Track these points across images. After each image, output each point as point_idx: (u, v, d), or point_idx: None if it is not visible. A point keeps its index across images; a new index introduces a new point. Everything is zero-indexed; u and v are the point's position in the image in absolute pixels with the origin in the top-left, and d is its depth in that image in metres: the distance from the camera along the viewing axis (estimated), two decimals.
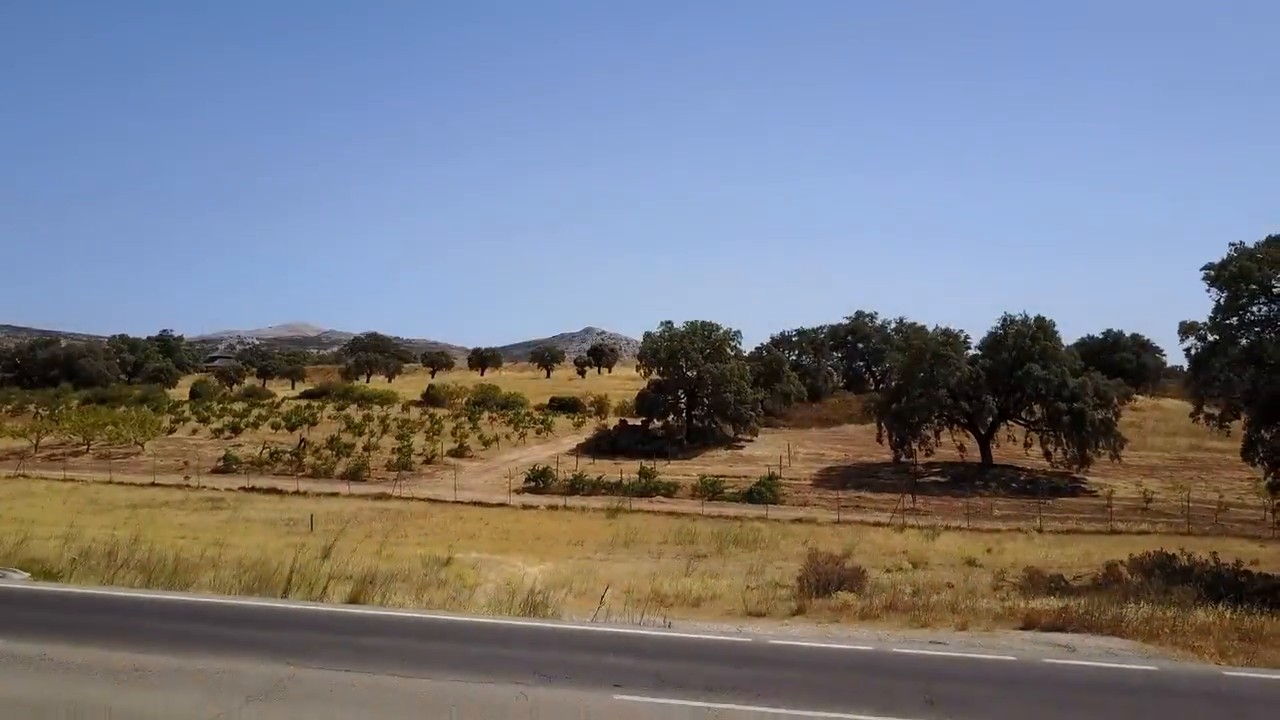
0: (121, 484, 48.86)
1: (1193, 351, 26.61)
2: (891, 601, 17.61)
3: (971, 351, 54.46)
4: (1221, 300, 25.09)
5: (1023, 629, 14.50)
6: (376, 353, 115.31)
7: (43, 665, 9.35)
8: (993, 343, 53.01)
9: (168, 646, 10.36)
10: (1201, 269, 24.78)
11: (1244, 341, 25.42)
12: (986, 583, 23.28)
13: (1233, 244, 24.93)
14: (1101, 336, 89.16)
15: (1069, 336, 59.67)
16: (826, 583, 20.38)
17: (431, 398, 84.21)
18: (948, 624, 15.26)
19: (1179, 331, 26.50)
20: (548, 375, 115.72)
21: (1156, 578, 19.76)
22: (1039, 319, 52.13)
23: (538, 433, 66.88)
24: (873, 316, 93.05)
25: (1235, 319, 25.26)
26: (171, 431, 65.01)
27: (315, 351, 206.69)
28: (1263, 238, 24.68)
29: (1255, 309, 24.79)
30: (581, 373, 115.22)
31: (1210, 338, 25.72)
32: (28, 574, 14.61)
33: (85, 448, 59.38)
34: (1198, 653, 12.72)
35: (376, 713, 8.42)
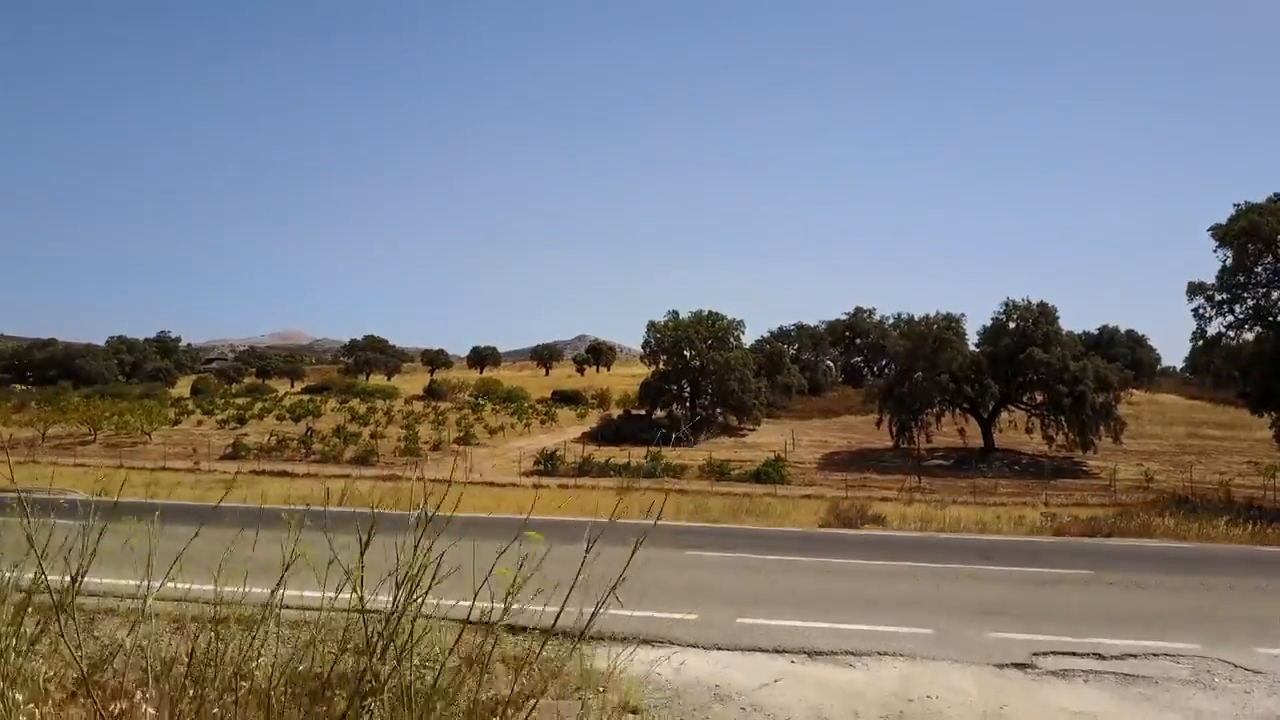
0: (132, 468, 49.06)
1: (1201, 312, 27.23)
2: (920, 529, 18.12)
3: (971, 345, 55.05)
4: (1228, 260, 25.71)
5: (1054, 536, 15.05)
6: (375, 352, 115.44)
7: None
8: (995, 328, 53.66)
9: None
10: (1209, 229, 25.42)
11: (1250, 301, 26.03)
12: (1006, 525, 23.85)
13: (1237, 204, 25.60)
14: (1097, 332, 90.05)
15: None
16: (851, 520, 20.81)
17: (434, 392, 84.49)
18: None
19: (1187, 292, 27.14)
20: (547, 373, 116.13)
21: (1173, 509, 20.33)
22: (1041, 304, 52.81)
23: (541, 423, 67.28)
24: (871, 313, 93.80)
25: (1241, 278, 25.85)
26: (177, 423, 65.17)
27: (309, 358, 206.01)
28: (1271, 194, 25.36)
29: (1261, 268, 25.39)
30: (581, 370, 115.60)
31: (1218, 297, 26.32)
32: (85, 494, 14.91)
33: (93, 438, 59.50)
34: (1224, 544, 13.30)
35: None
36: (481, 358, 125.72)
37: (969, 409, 54.17)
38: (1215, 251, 26.02)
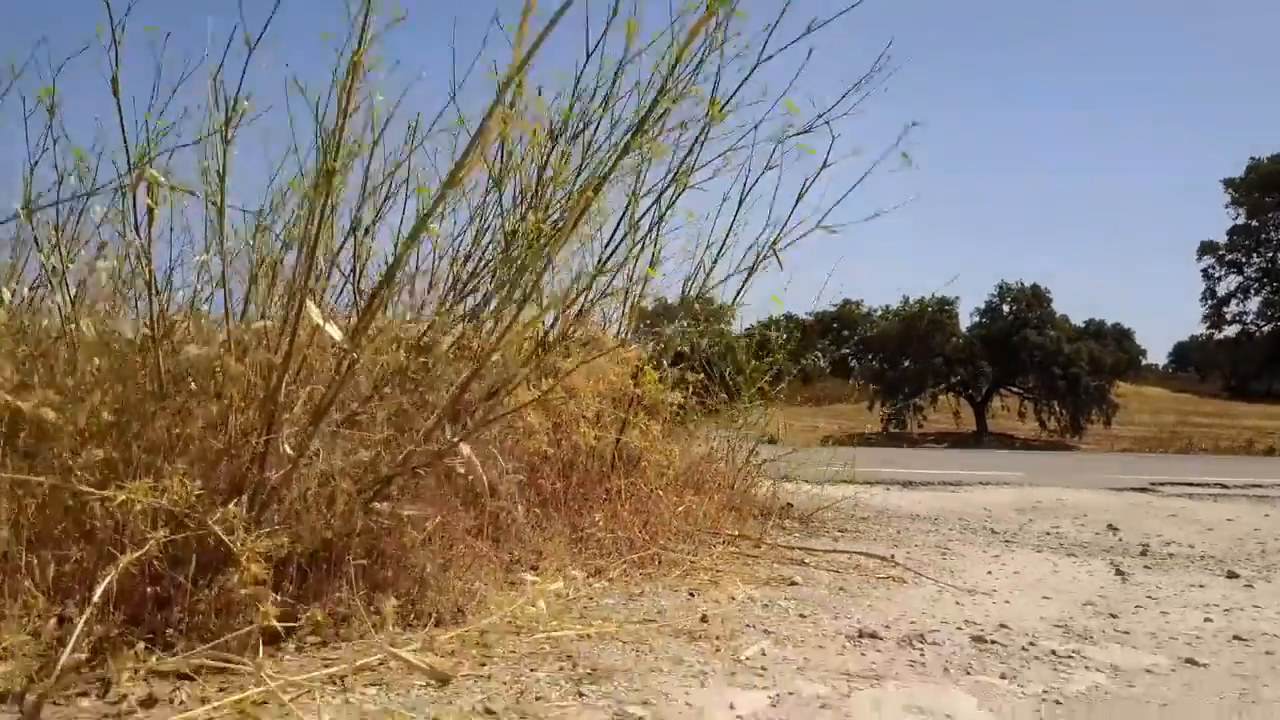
0: None
1: (1210, 272, 26.78)
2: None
3: (964, 329, 54.47)
4: (1239, 217, 25.33)
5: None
6: None
7: None
8: (988, 310, 53.15)
9: None
10: (1223, 180, 25.04)
11: (1259, 261, 25.64)
12: None
13: (1254, 157, 25.18)
14: (1084, 325, 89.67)
15: None
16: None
17: None
18: None
19: (1197, 252, 26.71)
20: None
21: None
22: (1034, 287, 52.32)
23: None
24: (859, 304, 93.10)
25: (1251, 241, 25.46)
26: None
27: None
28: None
29: (1273, 227, 25.01)
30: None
31: (1228, 256, 25.91)
32: None
33: None
34: None
35: None
36: None
37: (962, 392, 53.67)
38: (1227, 208, 25.71)
